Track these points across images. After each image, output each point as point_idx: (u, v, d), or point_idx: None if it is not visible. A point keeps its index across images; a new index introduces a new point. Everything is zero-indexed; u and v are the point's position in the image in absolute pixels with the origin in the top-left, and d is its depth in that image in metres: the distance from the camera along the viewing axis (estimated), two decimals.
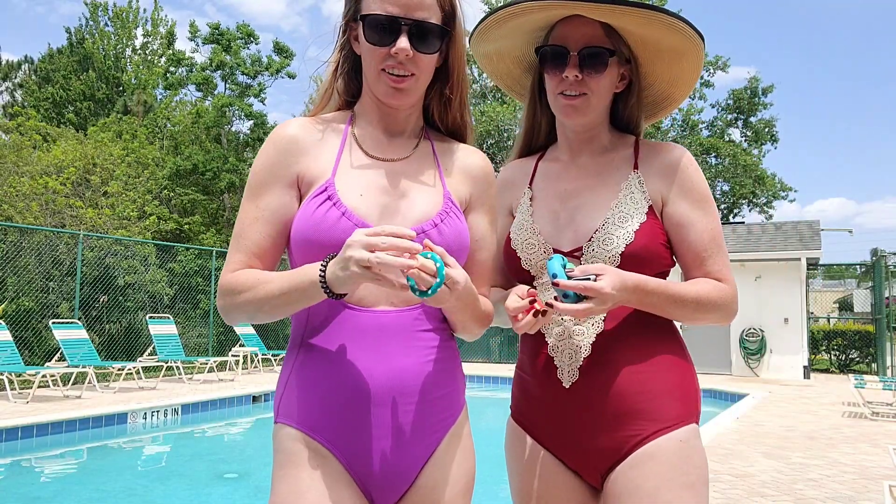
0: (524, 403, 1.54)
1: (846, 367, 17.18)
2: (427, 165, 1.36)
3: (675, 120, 24.31)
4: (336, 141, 1.33)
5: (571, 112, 1.48)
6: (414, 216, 1.28)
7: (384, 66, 1.26)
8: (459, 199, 1.36)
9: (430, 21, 1.26)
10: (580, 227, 1.48)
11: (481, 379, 13.29)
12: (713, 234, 1.47)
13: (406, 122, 1.37)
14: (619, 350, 1.43)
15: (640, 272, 1.39)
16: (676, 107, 1.66)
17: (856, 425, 8.19)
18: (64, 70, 25.22)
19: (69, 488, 5.69)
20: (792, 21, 73.42)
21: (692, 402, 1.46)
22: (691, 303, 1.41)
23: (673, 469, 1.36)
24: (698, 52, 1.48)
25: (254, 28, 20.79)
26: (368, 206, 1.26)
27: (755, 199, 25.21)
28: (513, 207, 1.62)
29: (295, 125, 1.33)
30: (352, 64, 1.37)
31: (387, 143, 1.35)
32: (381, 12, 1.24)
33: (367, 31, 1.25)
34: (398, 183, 1.30)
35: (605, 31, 1.45)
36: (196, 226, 19.34)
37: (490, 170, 1.43)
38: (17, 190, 14.15)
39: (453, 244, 1.27)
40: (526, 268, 1.51)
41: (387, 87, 1.27)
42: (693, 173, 1.49)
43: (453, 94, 1.38)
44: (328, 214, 1.22)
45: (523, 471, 1.51)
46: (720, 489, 4.98)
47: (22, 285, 11.89)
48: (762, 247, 15.25)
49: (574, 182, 1.54)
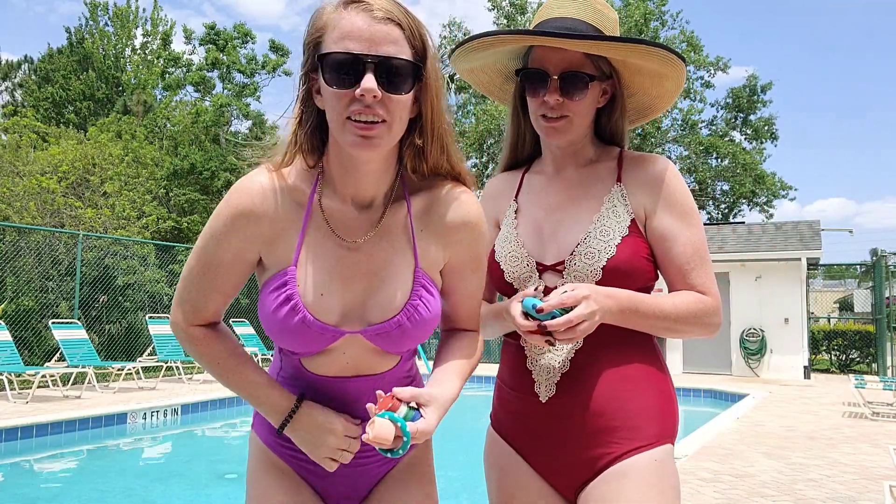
0: (502, 414, 1.55)
1: (846, 367, 17.17)
2: (399, 238, 1.23)
3: (675, 120, 24.30)
4: (299, 216, 1.20)
5: (554, 133, 1.48)
6: (380, 314, 1.20)
7: (349, 114, 1.09)
8: (436, 263, 1.27)
9: (399, 57, 1.10)
10: (563, 240, 1.48)
11: (481, 379, 13.25)
12: (696, 246, 1.46)
13: (377, 185, 1.22)
14: (596, 367, 1.43)
15: (622, 286, 1.40)
16: (659, 113, 1.67)
17: (856, 425, 8.19)
18: (64, 70, 25.21)
19: (69, 488, 5.69)
20: (791, 21, 73.40)
21: (668, 422, 1.45)
22: (671, 314, 1.40)
23: (648, 486, 1.36)
24: (678, 73, 1.48)
25: (252, 28, 20.83)
26: (330, 307, 1.19)
27: (755, 198, 25.20)
28: (499, 220, 1.62)
29: (258, 193, 1.19)
30: (316, 120, 1.20)
31: (355, 217, 1.22)
32: (341, 50, 1.08)
33: (328, 74, 1.10)
34: (364, 272, 1.21)
35: (583, 55, 1.44)
36: (195, 225, 19.35)
37: (474, 219, 1.29)
38: (12, 191, 14.13)
39: (418, 332, 1.23)
40: (509, 280, 1.51)
41: (353, 137, 1.10)
42: (677, 186, 1.48)
43: (430, 143, 1.21)
44: (287, 316, 1.17)
45: (500, 479, 1.52)
46: (720, 489, 4.97)
47: (21, 285, 11.89)
48: (762, 247, 15.24)
49: (558, 195, 1.54)
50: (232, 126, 20.96)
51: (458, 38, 25.11)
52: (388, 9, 1.10)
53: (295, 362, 1.27)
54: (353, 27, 1.09)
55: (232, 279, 1.24)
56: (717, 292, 1.46)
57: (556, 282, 1.45)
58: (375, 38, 1.08)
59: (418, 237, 1.25)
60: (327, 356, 1.23)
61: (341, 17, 1.11)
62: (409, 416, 1.11)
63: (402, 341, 1.24)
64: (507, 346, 1.56)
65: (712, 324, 1.45)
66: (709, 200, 25.66)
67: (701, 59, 23.67)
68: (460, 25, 25.45)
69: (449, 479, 5.95)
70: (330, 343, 1.21)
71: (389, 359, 1.27)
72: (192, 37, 21.13)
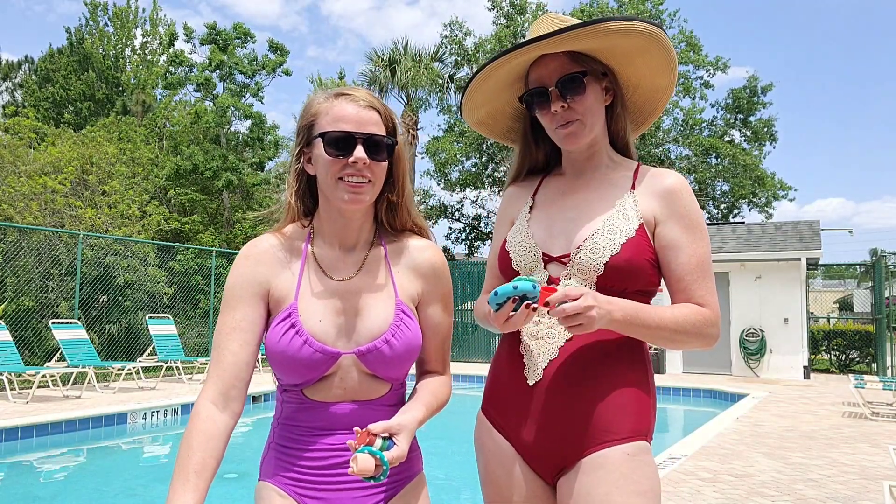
0: (493, 395, 1.63)
1: (846, 367, 17.17)
2: (379, 274, 1.52)
3: (675, 120, 24.29)
4: (297, 262, 1.50)
5: (572, 139, 1.57)
6: (368, 334, 1.44)
7: (342, 175, 1.41)
8: (411, 297, 1.53)
9: (379, 134, 1.43)
10: (571, 235, 1.56)
11: (481, 379, 13.30)
12: (700, 259, 1.52)
13: (359, 232, 1.52)
14: (583, 358, 1.50)
15: (622, 285, 1.48)
16: (663, 107, 1.73)
17: (856, 425, 8.19)
18: (64, 70, 25.22)
19: (69, 488, 5.69)
20: (790, 21, 73.36)
21: (644, 420, 1.50)
22: (669, 325, 1.44)
23: (623, 477, 1.42)
24: (660, 42, 1.53)
25: (251, 28, 20.82)
26: (326, 329, 1.43)
27: (755, 198, 25.19)
28: (514, 218, 1.71)
29: (264, 245, 1.50)
30: (305, 185, 1.53)
31: (342, 259, 1.51)
32: (337, 129, 1.41)
33: (327, 146, 1.41)
34: (353, 301, 1.47)
35: (571, 59, 1.54)
36: (195, 225, 19.36)
37: (440, 263, 1.57)
38: (17, 190, 14.14)
39: (403, 353, 1.45)
40: (516, 269, 1.60)
41: (346, 193, 1.42)
42: (687, 200, 1.55)
43: (400, 200, 1.54)
44: (292, 341, 1.41)
45: (486, 461, 1.60)
46: (720, 489, 4.98)
47: (21, 285, 11.89)
48: (762, 247, 15.25)
49: (573, 196, 1.63)
50: (232, 126, 20.94)
51: (459, 37, 25.10)
52: (369, 99, 1.46)
53: (297, 395, 1.45)
54: (345, 112, 1.42)
55: (248, 314, 1.45)
56: (717, 305, 1.52)
57: (560, 272, 1.53)
58: (362, 121, 1.42)
59: (395, 273, 1.53)
60: (326, 382, 1.43)
61: (333, 105, 1.44)
62: (384, 446, 1.30)
63: (391, 361, 1.44)
64: (507, 333, 1.62)
65: (710, 335, 1.51)
66: (709, 200, 25.66)
67: (700, 59, 23.67)
68: (461, 25, 25.45)
69: (449, 480, 5.96)
70: (328, 368, 1.42)
71: (381, 385, 1.47)
72: (193, 36, 21.10)
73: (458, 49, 24.72)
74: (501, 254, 1.64)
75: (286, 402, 1.49)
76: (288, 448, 1.46)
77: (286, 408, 1.49)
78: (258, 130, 20.69)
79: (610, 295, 1.45)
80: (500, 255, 1.65)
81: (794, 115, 68.86)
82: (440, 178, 26.21)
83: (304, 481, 1.43)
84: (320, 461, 1.43)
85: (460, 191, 26.60)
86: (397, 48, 23.31)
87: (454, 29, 25.41)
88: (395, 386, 1.50)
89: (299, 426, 1.46)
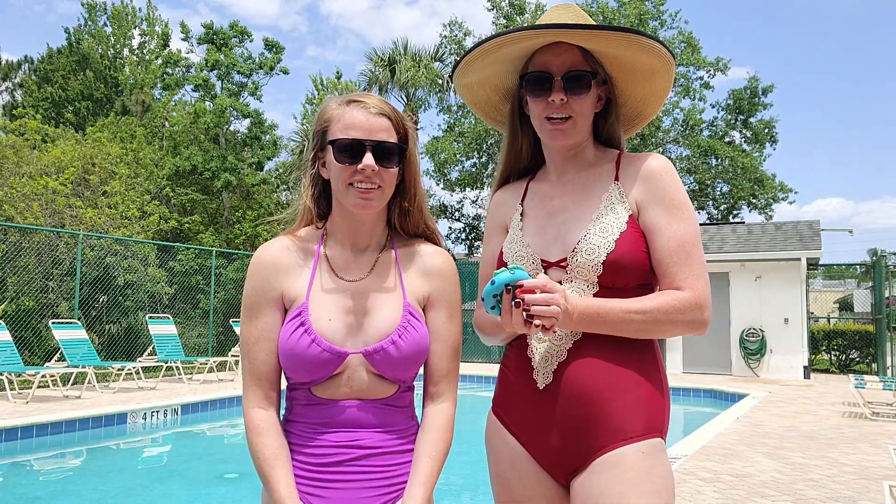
0: (503, 398, 1.61)
1: (846, 367, 17.17)
2: (389, 276, 1.54)
3: (676, 120, 24.28)
4: (309, 263, 1.53)
5: (559, 136, 1.55)
6: (376, 334, 1.46)
7: (352, 181, 1.44)
8: (419, 299, 1.54)
9: (389, 141, 1.45)
10: (566, 238, 1.54)
11: (481, 379, 13.29)
12: (682, 240, 1.46)
13: (371, 236, 1.55)
14: (593, 358, 1.47)
15: (622, 281, 1.47)
16: (647, 122, 1.73)
17: (856, 425, 8.19)
18: (63, 70, 25.20)
19: (69, 488, 5.69)
20: (790, 21, 73.38)
21: (658, 418, 1.47)
22: (636, 317, 1.42)
23: (637, 476, 1.39)
24: (670, 71, 1.56)
25: (250, 28, 20.79)
26: (335, 329, 1.45)
27: (755, 200, 25.16)
28: (506, 224, 1.70)
29: (276, 248, 1.53)
30: (320, 189, 1.56)
31: (353, 260, 1.53)
32: (347, 137, 1.44)
33: (337, 153, 1.44)
34: (363, 302, 1.49)
35: (583, 56, 1.53)
36: (195, 225, 19.35)
37: (448, 268, 1.58)
38: (18, 190, 14.13)
39: (410, 355, 1.46)
40: None
41: (355, 199, 1.45)
42: (667, 180, 1.51)
43: (412, 206, 1.57)
44: (301, 340, 1.43)
45: (498, 462, 1.59)
46: (720, 489, 4.98)
47: (22, 285, 11.89)
48: (762, 247, 15.24)
49: (561, 198, 1.61)
50: (231, 125, 20.92)
51: (458, 37, 25.11)
52: (380, 106, 1.47)
53: (305, 392, 1.48)
54: (355, 120, 1.44)
55: (268, 322, 1.49)
56: (702, 288, 1.45)
57: (561, 277, 1.52)
58: (372, 128, 1.44)
59: (405, 276, 1.54)
60: (333, 381, 1.45)
61: (344, 112, 1.46)
62: None
63: (398, 363, 1.45)
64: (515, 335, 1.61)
65: (694, 320, 1.44)
66: (708, 201, 25.65)
67: (700, 60, 23.66)
68: (461, 25, 25.45)
69: (449, 480, 5.95)
70: (336, 367, 1.43)
71: (388, 386, 1.48)
72: (190, 35, 21.08)
73: (458, 49, 24.71)
74: (499, 265, 1.61)
75: (294, 399, 1.50)
76: (292, 445, 1.47)
77: (294, 405, 1.50)
78: (256, 129, 20.67)
79: (614, 291, 1.45)
80: (497, 266, 1.62)
81: (794, 114, 68.92)
82: (440, 178, 26.22)
83: (308, 478, 1.44)
84: (324, 458, 1.44)
85: (460, 191, 26.62)
86: (397, 48, 23.30)
87: (454, 29, 25.43)
88: (403, 388, 1.51)
89: (305, 423, 1.47)
